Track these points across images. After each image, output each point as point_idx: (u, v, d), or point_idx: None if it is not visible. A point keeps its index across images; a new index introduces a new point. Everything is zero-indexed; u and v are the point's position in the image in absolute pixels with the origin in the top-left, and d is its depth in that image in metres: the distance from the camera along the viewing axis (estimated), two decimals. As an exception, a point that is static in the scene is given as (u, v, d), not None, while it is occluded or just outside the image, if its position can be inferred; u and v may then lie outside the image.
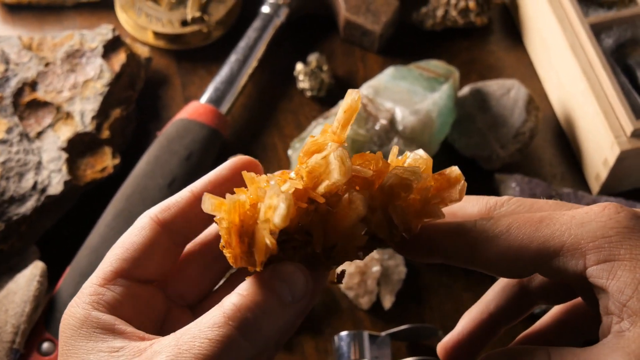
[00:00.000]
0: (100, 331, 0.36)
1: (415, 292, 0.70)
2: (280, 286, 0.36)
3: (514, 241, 0.37)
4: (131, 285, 0.39)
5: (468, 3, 0.81)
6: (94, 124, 0.71)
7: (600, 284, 0.36)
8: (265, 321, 0.35)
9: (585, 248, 0.36)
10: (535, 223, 0.37)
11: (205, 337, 0.34)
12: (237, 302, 0.35)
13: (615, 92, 0.69)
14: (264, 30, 0.79)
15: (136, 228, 0.40)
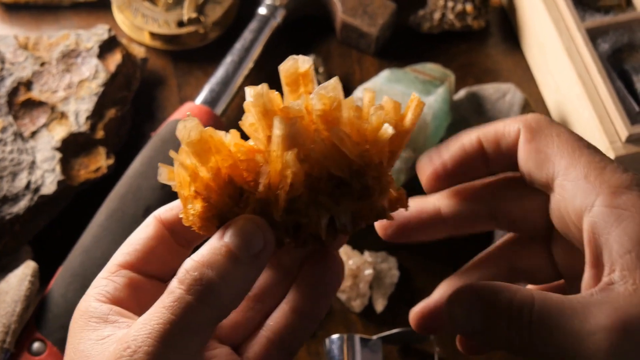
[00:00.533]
0: (95, 320, 0.37)
1: (408, 295, 0.69)
2: (233, 242, 0.35)
3: (553, 145, 0.38)
4: (134, 277, 0.40)
5: (465, 6, 0.81)
6: (88, 124, 0.71)
7: (602, 227, 0.35)
8: (220, 280, 0.35)
9: (606, 187, 0.35)
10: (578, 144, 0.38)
11: (162, 305, 0.34)
12: (188, 265, 0.35)
13: (611, 97, 0.68)
14: (260, 32, 0.79)
15: (142, 226, 0.41)
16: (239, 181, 0.36)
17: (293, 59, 0.37)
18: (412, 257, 0.71)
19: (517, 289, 0.36)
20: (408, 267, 0.71)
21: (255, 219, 0.36)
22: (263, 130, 0.36)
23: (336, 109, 0.36)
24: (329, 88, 0.36)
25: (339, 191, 0.37)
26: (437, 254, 0.71)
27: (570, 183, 0.37)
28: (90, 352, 0.35)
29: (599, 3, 0.76)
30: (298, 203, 0.36)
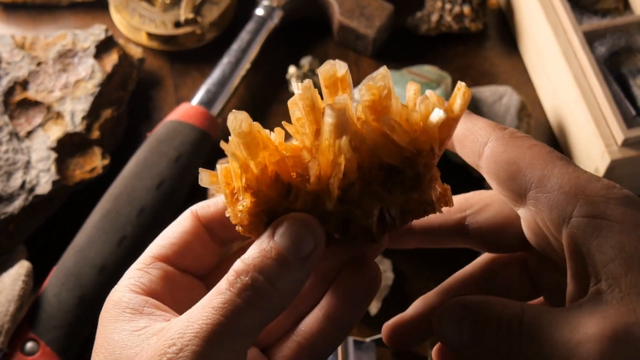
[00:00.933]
0: (130, 311, 0.37)
1: (403, 298, 0.69)
2: (283, 243, 0.35)
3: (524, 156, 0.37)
4: (169, 270, 0.39)
5: (463, 9, 0.81)
6: (84, 124, 0.71)
7: (582, 238, 0.34)
8: (270, 285, 0.35)
9: (582, 197, 0.35)
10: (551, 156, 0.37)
11: (210, 305, 0.34)
12: (238, 268, 0.35)
13: (607, 101, 0.68)
14: (257, 33, 0.79)
15: (178, 219, 0.41)
16: (285, 178, 0.36)
17: (331, 64, 0.37)
18: (407, 260, 0.71)
19: (507, 302, 0.36)
20: (403, 269, 0.70)
21: (305, 217, 0.36)
22: (310, 125, 0.36)
23: (386, 98, 0.36)
24: (378, 78, 0.36)
25: (391, 180, 0.37)
26: (432, 257, 0.71)
27: (545, 195, 0.36)
28: (126, 343, 0.35)
29: (596, 6, 0.76)
30: (351, 192, 0.36)
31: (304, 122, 0.37)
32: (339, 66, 0.37)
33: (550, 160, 0.37)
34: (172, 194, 0.69)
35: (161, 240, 0.40)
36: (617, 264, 0.33)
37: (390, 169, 0.37)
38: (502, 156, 0.38)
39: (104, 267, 0.65)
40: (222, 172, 0.37)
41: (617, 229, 0.34)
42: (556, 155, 0.37)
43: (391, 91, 0.36)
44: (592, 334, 0.33)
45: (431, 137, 0.36)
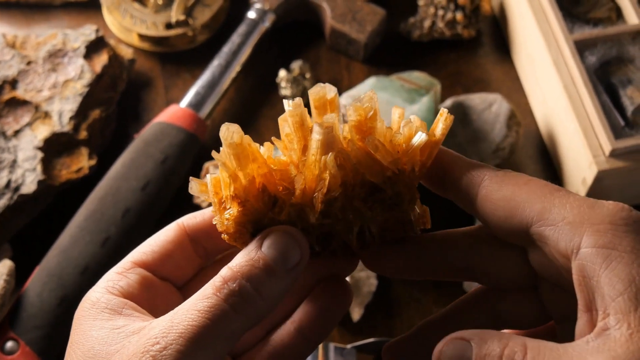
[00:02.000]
0: (109, 311, 0.38)
1: (386, 305, 0.69)
2: (271, 255, 0.36)
3: (521, 192, 0.36)
4: (147, 276, 0.41)
5: (455, 15, 0.80)
6: (71, 124, 0.71)
7: (591, 270, 0.33)
8: (256, 293, 0.36)
9: (588, 226, 0.34)
10: (549, 188, 0.36)
11: (195, 308, 0.35)
12: (225, 275, 0.36)
13: (596, 111, 0.68)
14: (248, 36, 0.79)
15: (163, 229, 0.42)
16: (272, 190, 0.38)
17: (321, 87, 0.39)
18: (392, 267, 0.70)
19: (509, 338, 0.34)
20: (387, 277, 0.70)
21: (292, 230, 0.37)
22: (298, 141, 0.38)
23: (372, 119, 0.37)
24: (365, 99, 0.38)
25: (372, 198, 0.38)
26: (416, 263, 0.70)
27: (549, 228, 0.35)
28: (105, 340, 0.36)
29: (588, 15, 0.75)
30: (333, 207, 0.38)
31: (293, 138, 0.38)
32: (329, 89, 0.39)
33: (549, 193, 0.36)
34: (158, 195, 0.69)
35: (143, 247, 0.42)
36: (626, 298, 0.32)
37: (373, 187, 0.38)
38: (498, 194, 0.37)
39: (87, 268, 0.65)
40: (212, 181, 0.38)
41: (626, 260, 0.33)
42: (553, 187, 0.36)
43: (377, 113, 0.38)
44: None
45: (412, 158, 0.38)
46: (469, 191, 0.38)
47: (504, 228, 0.37)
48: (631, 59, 0.73)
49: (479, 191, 0.38)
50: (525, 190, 0.36)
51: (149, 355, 0.34)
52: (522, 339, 0.34)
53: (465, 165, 0.39)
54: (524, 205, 0.36)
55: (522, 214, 0.36)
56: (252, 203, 0.37)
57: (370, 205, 0.38)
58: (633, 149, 0.67)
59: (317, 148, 0.37)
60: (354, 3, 0.81)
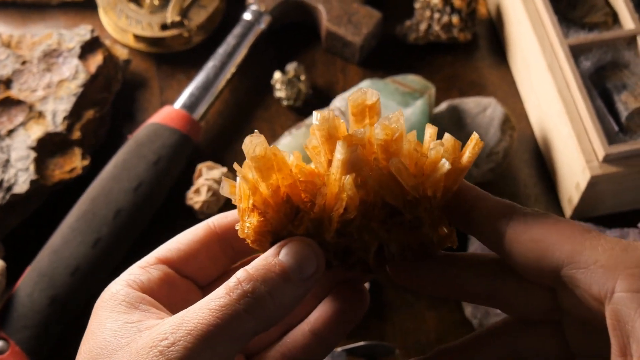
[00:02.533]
0: (126, 304, 0.38)
1: (378, 308, 0.69)
2: (287, 262, 0.36)
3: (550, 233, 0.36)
4: (170, 273, 0.41)
5: (451, 18, 0.80)
6: (65, 125, 0.71)
7: (626, 315, 0.33)
8: (269, 296, 0.36)
9: (622, 269, 0.33)
10: (579, 230, 0.36)
11: (207, 307, 0.35)
12: (240, 276, 0.36)
13: (590, 116, 0.67)
14: (244, 37, 0.79)
15: (193, 227, 0.43)
16: (296, 200, 0.38)
17: (362, 91, 0.38)
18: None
19: None
20: (379, 279, 0.70)
21: (310, 243, 0.37)
22: (325, 154, 0.38)
23: (397, 140, 0.37)
24: (393, 119, 0.37)
25: (392, 220, 0.38)
26: (408, 267, 0.70)
27: (581, 271, 0.34)
28: (118, 332, 0.36)
29: (584, 19, 0.75)
30: (350, 227, 0.38)
31: (320, 151, 0.38)
32: (370, 95, 0.38)
33: (579, 234, 0.35)
34: (150, 196, 0.69)
35: (170, 244, 0.42)
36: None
37: (392, 209, 0.38)
38: (526, 236, 0.36)
39: (78, 268, 0.65)
40: (239, 186, 0.39)
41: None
42: (584, 228, 0.36)
43: (404, 134, 0.37)
44: None
45: (436, 184, 0.37)
46: (495, 231, 0.37)
47: (532, 270, 0.37)
48: (626, 64, 0.72)
49: (507, 232, 0.37)
50: (555, 231, 0.36)
51: (156, 350, 0.34)
52: None
53: (491, 203, 0.38)
54: (554, 247, 0.35)
55: (552, 256, 0.35)
56: (271, 215, 0.38)
57: (389, 227, 0.38)
58: (626, 155, 0.67)
59: (338, 168, 0.36)
60: (349, 5, 0.81)
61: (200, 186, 0.71)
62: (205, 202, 0.70)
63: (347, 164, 0.36)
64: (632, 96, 0.69)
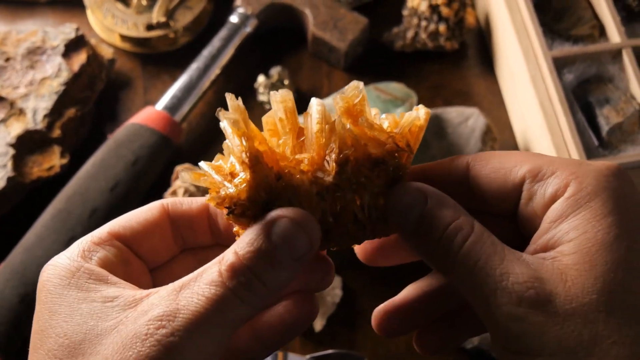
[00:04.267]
0: (93, 281, 0.36)
1: (350, 316, 0.68)
2: (279, 244, 0.35)
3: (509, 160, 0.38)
4: (125, 251, 0.39)
5: (438, 27, 0.80)
6: (45, 122, 0.71)
7: (561, 211, 0.36)
8: (261, 283, 0.35)
9: (574, 179, 0.36)
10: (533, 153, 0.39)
11: (203, 294, 0.34)
12: (233, 262, 0.35)
13: (570, 129, 0.67)
14: (229, 40, 0.79)
15: (146, 206, 0.40)
16: (274, 166, 0.37)
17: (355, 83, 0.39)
18: (358, 278, 0.70)
19: (462, 213, 0.37)
20: (353, 287, 0.70)
21: (302, 219, 0.36)
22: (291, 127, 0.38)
23: (361, 102, 0.38)
24: (349, 90, 0.38)
25: (377, 169, 0.38)
26: (382, 275, 0.70)
27: (539, 184, 0.37)
28: (99, 314, 0.34)
29: (570, 32, 0.74)
30: (346, 170, 0.37)
31: (286, 124, 0.38)
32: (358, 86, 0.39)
33: (536, 156, 0.38)
34: (127, 197, 0.69)
35: (122, 220, 0.39)
36: (571, 245, 0.35)
37: (374, 161, 0.38)
38: (487, 169, 0.39)
39: (50, 267, 0.65)
40: (211, 166, 0.38)
41: (589, 215, 0.35)
42: (537, 153, 0.39)
43: (365, 98, 0.38)
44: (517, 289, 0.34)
45: (405, 136, 0.39)
46: (458, 178, 0.39)
47: (496, 197, 0.39)
48: (611, 78, 0.72)
49: (470, 172, 0.39)
50: (512, 158, 0.38)
51: (153, 339, 0.33)
52: (473, 220, 0.37)
53: (446, 162, 0.40)
54: (514, 170, 0.38)
55: (514, 177, 0.38)
56: (265, 165, 0.36)
57: (377, 173, 0.38)
58: (605, 170, 0.66)
59: (320, 117, 0.37)
60: (336, 11, 0.80)
61: (177, 188, 0.71)
62: (181, 204, 0.70)
63: (325, 114, 0.37)
64: (615, 111, 0.69)
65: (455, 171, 0.40)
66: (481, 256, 0.35)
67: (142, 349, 0.33)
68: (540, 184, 0.37)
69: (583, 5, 0.76)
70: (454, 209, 0.37)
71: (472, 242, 0.36)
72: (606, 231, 0.35)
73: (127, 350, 0.33)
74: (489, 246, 0.36)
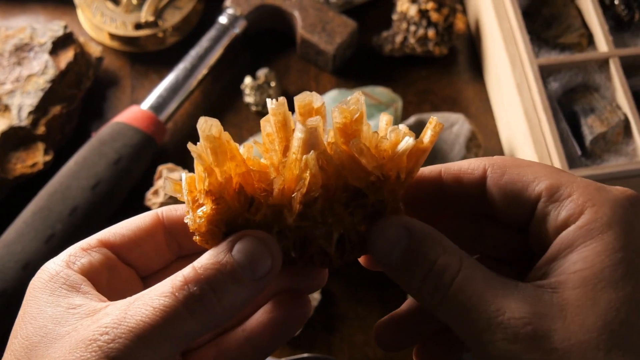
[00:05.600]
0: (66, 287, 0.36)
1: (328, 320, 0.68)
2: (239, 261, 0.34)
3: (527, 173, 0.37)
4: (112, 259, 0.39)
5: (427, 32, 0.80)
6: (30, 119, 0.72)
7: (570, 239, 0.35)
8: (216, 299, 0.34)
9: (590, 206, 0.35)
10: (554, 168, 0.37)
11: (151, 304, 0.34)
12: (187, 275, 0.34)
13: (553, 138, 0.66)
14: (217, 41, 0.79)
15: (140, 215, 0.40)
16: (249, 191, 0.36)
17: (308, 94, 0.37)
18: (337, 282, 0.70)
19: (449, 249, 0.35)
20: (332, 291, 0.69)
21: (266, 237, 0.35)
22: (280, 142, 0.37)
23: (357, 121, 0.36)
24: (352, 101, 0.36)
25: (354, 203, 0.37)
26: (361, 280, 0.70)
27: (555, 205, 0.36)
28: (59, 320, 0.35)
29: (558, 40, 0.74)
30: (312, 209, 0.36)
31: (274, 138, 0.37)
32: (315, 98, 0.37)
33: (556, 172, 0.37)
34: (108, 195, 0.69)
35: (114, 228, 0.40)
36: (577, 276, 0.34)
37: (355, 192, 0.36)
38: (504, 179, 0.38)
39: (29, 263, 0.65)
40: (187, 180, 0.37)
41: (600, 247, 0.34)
42: (557, 168, 0.38)
43: (363, 116, 0.36)
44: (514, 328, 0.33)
45: (398, 164, 0.36)
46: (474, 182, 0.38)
47: (511, 211, 0.38)
48: (597, 87, 0.71)
49: (487, 180, 0.38)
50: (531, 171, 0.37)
51: (95, 345, 0.33)
52: (459, 255, 0.35)
53: (464, 164, 0.39)
54: (532, 184, 0.37)
55: (531, 192, 0.37)
56: (226, 201, 0.35)
57: (352, 210, 0.36)
58: (587, 180, 0.65)
59: (299, 147, 0.35)
60: (325, 14, 0.80)
61: (159, 187, 0.71)
62: (162, 204, 0.70)
63: (307, 142, 0.35)
64: (599, 120, 0.68)
65: (472, 175, 0.39)
66: (473, 292, 0.34)
67: (84, 354, 0.33)
68: (554, 205, 0.36)
69: (573, 14, 0.76)
70: (441, 244, 0.35)
71: (462, 277, 0.34)
72: (614, 268, 0.33)
73: (71, 355, 0.33)
74: (481, 281, 0.34)
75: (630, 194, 0.36)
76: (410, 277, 0.35)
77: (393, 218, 0.36)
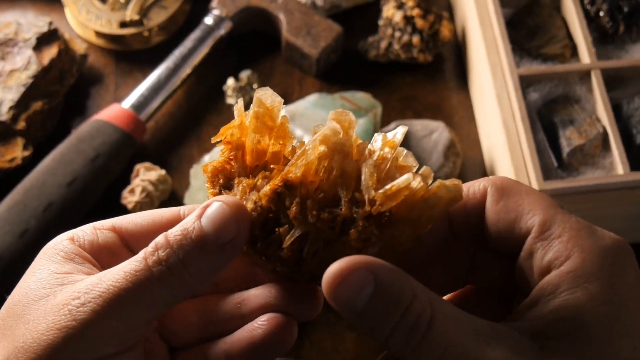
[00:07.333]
0: (62, 255, 0.37)
1: (298, 325, 0.68)
2: (206, 227, 0.34)
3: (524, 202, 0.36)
4: (117, 244, 0.39)
5: (412, 38, 0.79)
6: (10, 114, 0.72)
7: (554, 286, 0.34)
8: (183, 266, 0.34)
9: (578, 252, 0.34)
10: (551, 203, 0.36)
11: (123, 269, 0.34)
12: (159, 241, 0.35)
13: (529, 149, 0.66)
14: (202, 42, 0.79)
15: (162, 209, 0.40)
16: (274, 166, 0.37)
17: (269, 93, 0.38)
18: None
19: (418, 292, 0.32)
20: (304, 295, 0.69)
21: (233, 204, 0.35)
22: None
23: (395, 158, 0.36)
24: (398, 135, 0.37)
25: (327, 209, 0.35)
26: (334, 286, 0.69)
27: (544, 243, 0.35)
28: (43, 282, 0.36)
29: (541, 50, 0.74)
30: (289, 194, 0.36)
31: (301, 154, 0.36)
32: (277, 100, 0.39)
33: (553, 207, 0.36)
34: (84, 192, 0.70)
35: (132, 216, 0.40)
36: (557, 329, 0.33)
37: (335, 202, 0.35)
38: (500, 205, 0.37)
39: (1, 258, 0.65)
40: None
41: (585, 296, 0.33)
42: (556, 202, 0.37)
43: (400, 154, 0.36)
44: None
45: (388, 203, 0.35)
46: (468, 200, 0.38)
47: (501, 237, 0.37)
48: (578, 99, 0.71)
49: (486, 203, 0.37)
50: (528, 202, 0.36)
51: (66, 309, 0.33)
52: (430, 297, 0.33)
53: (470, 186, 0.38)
54: (526, 216, 0.36)
55: (524, 224, 0.36)
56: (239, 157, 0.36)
57: (319, 214, 0.35)
58: (561, 192, 0.65)
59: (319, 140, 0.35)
60: (311, 17, 0.80)
61: (135, 186, 0.71)
62: (138, 203, 0.70)
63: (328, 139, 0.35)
64: (577, 132, 0.68)
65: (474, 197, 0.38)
66: (450, 341, 0.32)
67: (55, 317, 0.33)
68: (543, 244, 0.35)
69: (557, 25, 0.75)
70: (411, 288, 0.33)
71: (438, 326, 0.32)
72: (598, 321, 0.33)
73: (44, 318, 0.34)
74: (458, 330, 0.32)
75: (620, 243, 0.35)
76: (379, 324, 0.32)
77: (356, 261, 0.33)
